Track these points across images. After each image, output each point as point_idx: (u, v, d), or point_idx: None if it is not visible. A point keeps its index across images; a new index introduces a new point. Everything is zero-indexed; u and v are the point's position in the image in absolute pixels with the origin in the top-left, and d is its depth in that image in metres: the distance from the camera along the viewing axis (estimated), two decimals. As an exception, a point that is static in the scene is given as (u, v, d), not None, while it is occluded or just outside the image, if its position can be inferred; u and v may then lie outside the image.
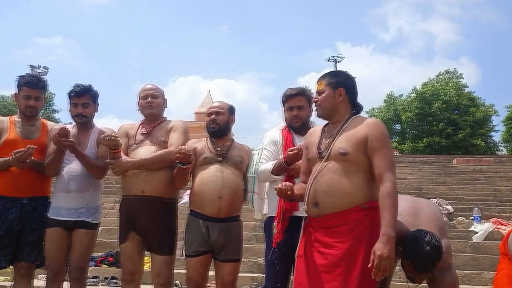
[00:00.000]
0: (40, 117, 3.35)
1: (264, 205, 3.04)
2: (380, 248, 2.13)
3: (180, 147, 2.79)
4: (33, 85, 3.18)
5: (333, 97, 2.47)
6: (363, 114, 2.63)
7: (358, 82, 2.61)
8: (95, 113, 3.29)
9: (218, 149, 2.99)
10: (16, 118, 3.25)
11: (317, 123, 2.83)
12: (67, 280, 3.11)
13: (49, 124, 3.34)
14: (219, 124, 3.03)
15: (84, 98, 3.18)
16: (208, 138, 3.07)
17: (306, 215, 2.41)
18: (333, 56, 32.62)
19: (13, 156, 2.89)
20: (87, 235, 3.10)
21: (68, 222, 3.06)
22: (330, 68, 31.13)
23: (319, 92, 2.50)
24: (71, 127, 3.21)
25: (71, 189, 3.08)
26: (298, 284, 2.38)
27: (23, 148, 2.90)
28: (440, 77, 32.77)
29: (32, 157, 2.94)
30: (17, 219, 3.03)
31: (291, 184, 2.41)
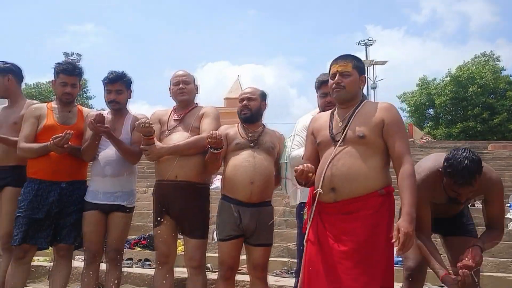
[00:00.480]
0: (76, 103, 3.43)
1: (297, 191, 3.03)
2: (405, 226, 2.15)
3: (211, 132, 2.81)
4: (69, 72, 3.25)
5: (358, 82, 2.46)
6: (395, 98, 2.61)
7: (389, 66, 2.60)
8: (129, 99, 3.35)
9: (250, 135, 2.99)
10: (53, 104, 3.33)
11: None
12: (104, 262, 3.22)
13: (85, 110, 3.42)
14: (251, 110, 3.03)
15: (117, 85, 3.23)
16: (239, 124, 3.08)
17: (316, 200, 2.36)
18: (364, 40, 31.92)
19: (52, 141, 2.98)
20: (123, 218, 3.18)
21: (105, 205, 3.14)
22: (360, 52, 30.52)
23: (344, 74, 2.42)
24: (106, 114, 3.28)
25: (106, 174, 3.16)
26: (313, 271, 2.34)
27: (61, 134, 2.98)
28: (476, 60, 31.75)
29: (70, 142, 3.01)
30: (56, 202, 3.13)
31: (312, 166, 2.33)
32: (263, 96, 3.13)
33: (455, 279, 2.39)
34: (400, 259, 4.78)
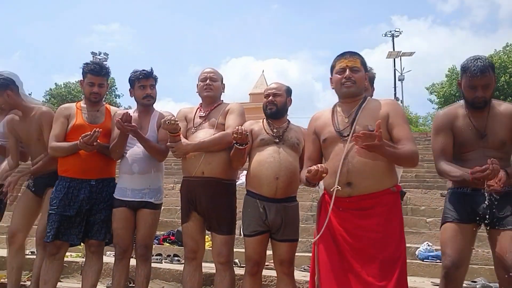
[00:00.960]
0: (104, 103, 3.49)
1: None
2: (379, 142, 2.16)
3: (237, 127, 2.80)
4: (96, 73, 3.31)
5: (364, 78, 2.53)
6: (423, 90, 2.61)
7: (416, 57, 2.61)
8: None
9: (275, 130, 2.98)
10: (82, 104, 3.40)
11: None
12: (134, 257, 3.27)
13: (113, 109, 3.47)
14: (276, 105, 3.02)
15: (150, 80, 3.31)
16: (264, 120, 3.07)
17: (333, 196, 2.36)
18: (390, 31, 31.39)
19: (81, 140, 3.04)
20: (151, 214, 3.22)
21: (133, 202, 3.19)
22: (386, 43, 30.01)
23: (353, 69, 2.47)
24: (133, 112, 3.33)
25: (134, 171, 3.20)
26: (327, 269, 2.34)
27: (90, 132, 3.03)
28: (507, 48, 30.72)
29: (98, 141, 3.07)
30: (86, 199, 3.20)
31: (327, 167, 2.31)
32: (289, 91, 3.11)
33: (485, 168, 2.29)
34: (432, 254, 4.73)
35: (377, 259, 2.26)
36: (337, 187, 2.32)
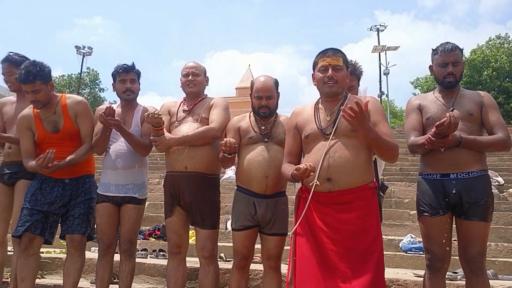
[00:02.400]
0: (60, 94, 3.32)
1: None
2: (366, 122, 2.28)
3: (225, 140, 2.73)
4: (24, 81, 3.05)
5: (346, 77, 2.54)
6: (407, 84, 2.67)
7: (399, 52, 2.66)
8: (139, 91, 3.37)
9: (263, 127, 2.94)
10: (37, 110, 3.22)
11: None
12: (118, 253, 3.25)
13: (68, 104, 3.23)
14: (270, 108, 2.93)
15: (131, 74, 3.28)
16: (251, 114, 3.02)
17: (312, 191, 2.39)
18: (375, 25, 31.54)
19: (36, 163, 3.00)
20: (135, 209, 3.21)
21: (117, 197, 3.18)
22: (370, 38, 30.19)
23: (336, 68, 2.47)
24: (116, 106, 3.30)
25: (118, 166, 3.19)
26: (305, 261, 2.38)
27: (42, 155, 2.97)
28: (490, 43, 31.18)
29: (56, 162, 3.01)
30: (59, 196, 3.17)
31: (314, 166, 2.33)
32: (277, 85, 3.03)
33: (444, 120, 2.46)
34: (415, 245, 4.79)
35: (354, 251, 2.31)
36: (316, 182, 2.34)
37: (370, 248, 2.34)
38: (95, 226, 3.27)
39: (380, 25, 31.31)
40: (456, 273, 3.73)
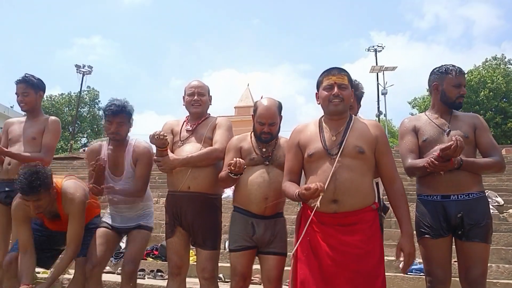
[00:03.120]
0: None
1: None
2: (408, 247, 2.35)
3: (235, 160, 2.68)
4: (27, 193, 2.92)
5: (351, 95, 2.54)
6: (405, 103, 2.71)
7: (396, 72, 2.69)
8: (130, 129, 3.28)
9: (264, 150, 2.88)
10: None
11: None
12: (106, 272, 3.20)
13: (63, 192, 3.11)
14: (272, 134, 2.87)
15: (119, 117, 3.15)
16: (252, 135, 2.96)
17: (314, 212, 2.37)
18: (373, 46, 31.87)
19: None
20: (141, 233, 3.24)
21: (122, 228, 3.25)
22: (366, 58, 30.52)
23: (341, 87, 2.46)
24: (107, 146, 3.26)
25: (122, 209, 3.24)
26: (307, 282, 2.34)
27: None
28: (486, 64, 31.49)
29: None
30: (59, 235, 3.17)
31: (324, 186, 2.26)
32: (281, 110, 2.94)
33: (451, 143, 2.47)
34: (416, 267, 4.74)
35: (359, 274, 2.28)
36: (318, 205, 2.27)
37: (375, 271, 2.32)
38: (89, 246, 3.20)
39: (378, 46, 31.65)
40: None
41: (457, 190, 2.65)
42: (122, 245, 4.56)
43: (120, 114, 3.15)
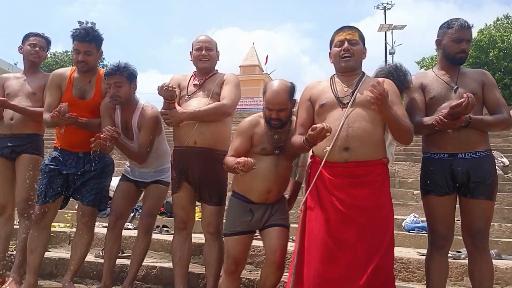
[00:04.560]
0: (98, 69, 3.32)
1: None
2: (387, 100, 2.29)
3: (245, 160, 2.48)
4: (81, 38, 3.11)
5: (362, 52, 2.54)
6: (413, 64, 2.68)
7: (403, 31, 2.67)
8: (135, 90, 3.22)
9: (276, 137, 2.69)
10: (75, 74, 3.25)
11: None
12: (126, 228, 3.27)
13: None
14: (281, 120, 2.65)
15: (116, 78, 3.05)
16: (265, 122, 2.73)
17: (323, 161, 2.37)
18: (382, 4, 31.08)
19: (51, 115, 2.99)
20: (158, 188, 3.28)
21: (141, 182, 3.28)
22: (372, 17, 29.84)
23: (351, 42, 2.49)
24: (116, 108, 3.20)
25: (137, 165, 3.25)
26: (314, 235, 2.36)
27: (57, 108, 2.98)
28: (498, 23, 30.67)
29: (74, 115, 2.98)
30: (74, 166, 3.18)
31: (331, 127, 2.24)
32: (292, 94, 2.69)
33: (462, 101, 2.41)
34: (418, 225, 4.81)
35: (366, 227, 2.29)
36: (327, 149, 2.31)
37: (384, 226, 2.33)
38: (110, 199, 3.31)
39: (387, 3, 30.87)
40: (459, 252, 3.75)
41: (464, 148, 2.63)
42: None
43: (116, 75, 3.05)
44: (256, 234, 2.86)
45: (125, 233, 3.32)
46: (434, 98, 2.73)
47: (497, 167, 2.83)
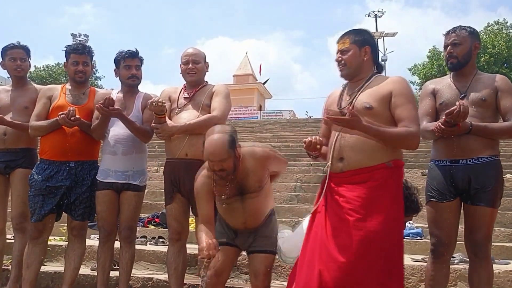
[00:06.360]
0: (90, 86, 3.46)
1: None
2: (358, 118, 2.22)
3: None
4: (79, 51, 3.28)
5: (359, 55, 2.46)
6: (405, 70, 2.62)
7: (392, 38, 2.63)
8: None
9: (227, 184, 2.60)
10: (67, 86, 3.37)
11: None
12: (118, 240, 3.27)
13: (98, 91, 3.44)
14: (226, 170, 2.51)
15: (136, 60, 3.29)
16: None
17: (328, 172, 2.40)
18: (373, 11, 31.40)
19: (59, 115, 3.04)
20: (135, 197, 3.23)
21: (117, 184, 3.19)
22: (360, 24, 30.10)
23: (343, 51, 2.47)
24: (117, 92, 3.32)
25: (117, 152, 3.19)
26: (313, 234, 2.37)
27: (65, 111, 3.05)
28: (488, 28, 31.00)
29: (78, 116, 3.08)
30: (64, 180, 3.17)
31: (321, 139, 2.38)
32: (232, 144, 2.52)
33: (454, 108, 2.43)
34: (413, 231, 4.83)
35: (361, 231, 2.21)
36: (328, 164, 2.36)
37: (380, 230, 2.21)
38: (96, 214, 3.28)
39: (378, 11, 31.20)
40: (453, 257, 3.77)
41: (466, 155, 2.63)
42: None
43: (137, 58, 3.29)
44: (243, 253, 2.86)
45: (117, 244, 3.30)
46: (443, 103, 2.74)
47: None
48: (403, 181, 2.46)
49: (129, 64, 3.27)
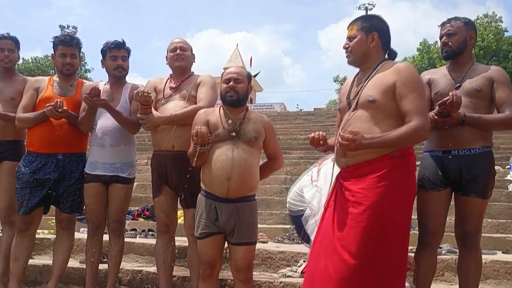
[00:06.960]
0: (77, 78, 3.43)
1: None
2: (360, 137, 2.15)
3: (196, 129, 2.55)
4: (67, 43, 3.25)
5: (365, 42, 2.39)
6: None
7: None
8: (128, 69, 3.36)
9: (230, 121, 2.69)
10: (55, 78, 3.34)
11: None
12: (106, 233, 3.26)
13: (85, 83, 3.40)
14: (238, 92, 2.68)
15: (122, 51, 3.27)
16: (221, 108, 2.78)
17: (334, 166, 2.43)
18: (364, 4, 31.40)
19: (47, 107, 3.01)
20: (124, 189, 3.21)
21: (105, 176, 3.17)
22: (351, 17, 30.14)
23: (350, 38, 2.43)
24: (104, 84, 3.29)
25: (105, 144, 3.17)
26: (323, 228, 2.37)
27: (53, 103, 3.02)
28: (478, 21, 31.16)
29: (66, 108, 3.05)
30: (52, 173, 3.15)
31: (324, 134, 2.41)
32: (249, 77, 2.81)
33: (447, 98, 2.44)
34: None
35: (362, 223, 2.19)
36: (333, 158, 2.39)
37: (379, 222, 2.18)
38: (84, 206, 3.26)
39: (369, 4, 31.20)
40: (441, 247, 3.81)
41: (458, 145, 2.63)
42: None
43: (123, 48, 3.27)
44: None
45: (106, 237, 3.29)
46: (438, 93, 2.72)
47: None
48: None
49: (115, 55, 3.24)
